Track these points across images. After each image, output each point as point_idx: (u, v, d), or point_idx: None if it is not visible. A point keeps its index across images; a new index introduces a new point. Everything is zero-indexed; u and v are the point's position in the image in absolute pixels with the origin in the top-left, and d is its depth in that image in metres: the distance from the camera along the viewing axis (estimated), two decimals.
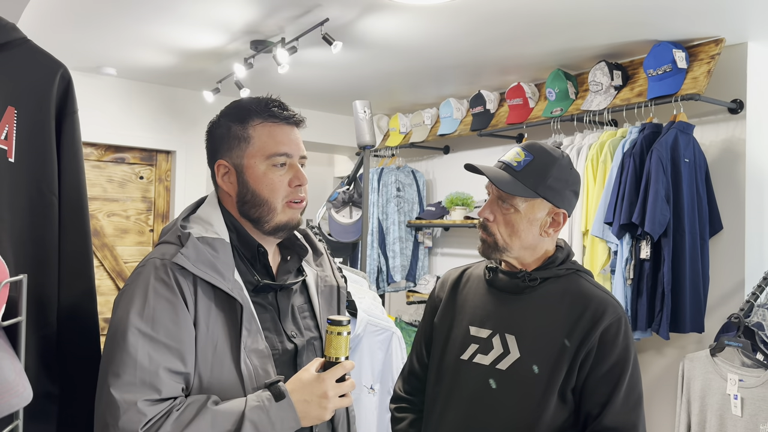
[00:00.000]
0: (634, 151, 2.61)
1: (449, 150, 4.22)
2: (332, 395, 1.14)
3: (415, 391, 1.57)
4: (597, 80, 2.93)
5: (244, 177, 1.23)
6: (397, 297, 4.49)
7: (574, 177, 1.42)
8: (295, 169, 1.25)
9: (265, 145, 1.23)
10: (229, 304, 1.16)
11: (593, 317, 1.32)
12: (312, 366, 1.17)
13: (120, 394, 1.05)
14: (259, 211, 1.23)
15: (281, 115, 1.25)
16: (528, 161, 1.37)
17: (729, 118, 2.71)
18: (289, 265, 1.33)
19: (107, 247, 3.84)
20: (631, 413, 1.30)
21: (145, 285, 1.12)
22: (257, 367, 1.15)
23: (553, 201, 1.38)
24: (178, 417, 1.07)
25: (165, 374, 1.08)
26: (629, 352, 1.33)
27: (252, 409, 1.09)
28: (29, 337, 1.22)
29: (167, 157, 4.09)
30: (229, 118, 1.26)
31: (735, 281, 2.66)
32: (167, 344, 1.09)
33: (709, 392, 2.27)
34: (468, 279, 1.53)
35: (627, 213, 2.55)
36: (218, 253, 1.18)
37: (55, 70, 1.33)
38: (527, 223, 1.37)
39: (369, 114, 2.67)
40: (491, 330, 1.39)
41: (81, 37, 2.96)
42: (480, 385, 1.37)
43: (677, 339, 2.78)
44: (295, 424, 1.12)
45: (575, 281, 1.40)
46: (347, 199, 3.10)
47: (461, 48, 2.96)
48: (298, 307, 1.31)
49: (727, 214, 2.68)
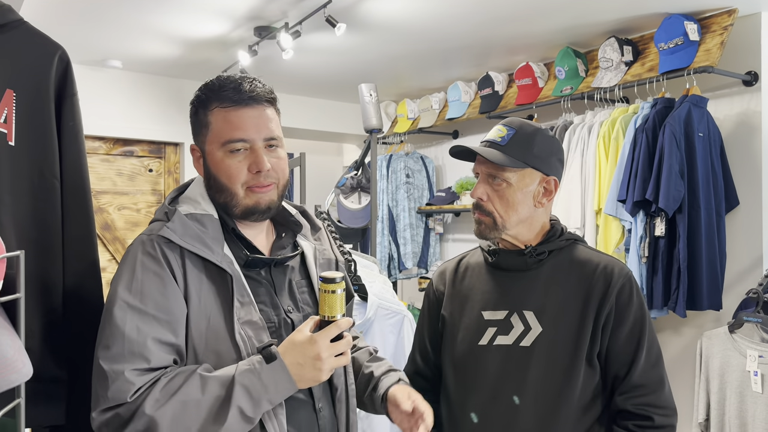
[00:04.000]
0: (647, 127, 2.56)
1: (458, 134, 4.18)
2: (326, 356, 1.10)
3: (422, 390, 1.50)
4: (607, 57, 2.88)
5: (207, 163, 1.22)
6: (409, 284, 4.47)
7: (557, 145, 1.45)
8: (255, 155, 1.18)
9: (221, 131, 1.19)
10: (220, 277, 1.15)
11: (605, 281, 1.35)
12: (306, 326, 1.13)
13: (108, 365, 1.05)
14: (223, 197, 1.21)
15: (236, 97, 1.18)
16: (511, 135, 1.39)
17: (743, 91, 2.65)
18: (284, 241, 1.31)
19: (119, 240, 3.85)
20: (656, 368, 1.34)
21: (133, 260, 1.13)
22: (252, 338, 1.14)
23: (541, 169, 1.40)
24: (166, 384, 1.06)
25: (153, 344, 1.07)
26: (644, 308, 1.36)
27: (242, 373, 1.07)
28: (35, 321, 1.22)
29: (175, 149, 4.09)
30: (196, 102, 1.24)
31: (753, 257, 2.60)
32: (156, 316, 1.09)
33: (728, 370, 2.23)
34: (467, 268, 1.53)
35: (640, 190, 2.50)
36: (207, 228, 1.17)
37: (53, 52, 1.31)
38: (521, 195, 1.38)
39: (375, 97, 2.64)
40: (507, 310, 1.39)
41: (85, 29, 2.95)
42: (505, 365, 1.36)
43: (694, 317, 2.73)
44: (290, 386, 1.09)
45: (576, 250, 1.43)
46: (356, 184, 3.07)
47: (468, 28, 2.92)
48: (296, 282, 1.28)
49: (744, 189, 2.62)
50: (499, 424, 1.35)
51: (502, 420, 1.34)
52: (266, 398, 1.08)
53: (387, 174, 4.11)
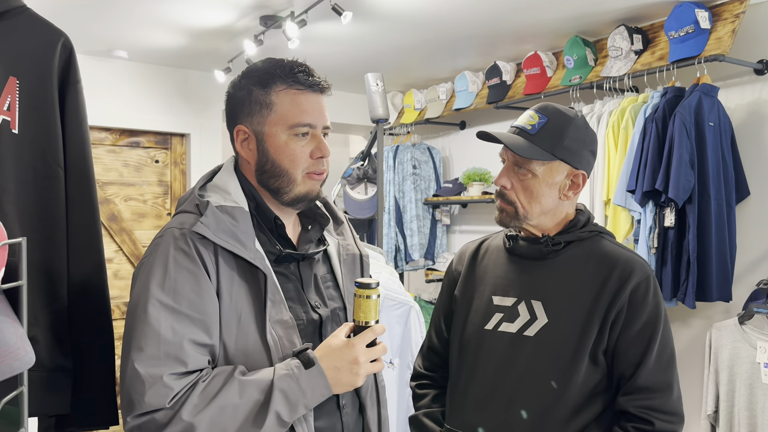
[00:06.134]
0: (657, 116, 2.52)
1: (465, 125, 4.16)
2: (363, 360, 1.10)
3: (436, 367, 1.54)
4: (616, 45, 2.84)
5: (265, 145, 1.18)
6: (416, 275, 4.46)
7: (591, 136, 1.38)
8: (317, 140, 1.19)
9: (288, 113, 1.16)
10: (251, 274, 1.13)
11: (621, 277, 1.30)
12: (341, 331, 1.14)
13: (145, 369, 1.02)
14: (278, 182, 1.18)
15: (306, 81, 1.17)
16: (542, 123, 1.33)
17: (755, 80, 2.61)
18: (311, 234, 1.29)
19: (125, 231, 3.85)
20: (665, 372, 1.28)
21: (165, 256, 1.08)
22: (282, 338, 1.12)
23: (571, 162, 1.34)
24: (204, 388, 1.04)
25: (190, 346, 1.05)
26: (660, 310, 1.30)
27: (281, 378, 1.06)
28: (39, 309, 1.22)
29: (182, 140, 4.08)
30: (252, 81, 1.19)
31: (763, 248, 2.58)
32: (190, 316, 1.06)
33: (737, 361, 2.21)
34: (486, 250, 1.50)
35: (650, 179, 2.48)
36: (238, 222, 1.13)
37: (56, 39, 1.30)
38: (546, 187, 1.34)
39: (382, 86, 2.62)
40: (516, 298, 1.37)
41: (90, 19, 2.94)
42: (507, 353, 1.34)
43: (704, 308, 2.71)
44: (326, 392, 1.09)
45: (598, 243, 1.37)
46: (362, 175, 3.06)
47: (475, 17, 2.89)
48: (321, 277, 1.27)
49: (755, 179, 2.59)
50: (496, 412, 1.33)
51: (499, 408, 1.33)
52: (303, 403, 1.07)
53: (394, 165, 4.09)
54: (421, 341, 2.22)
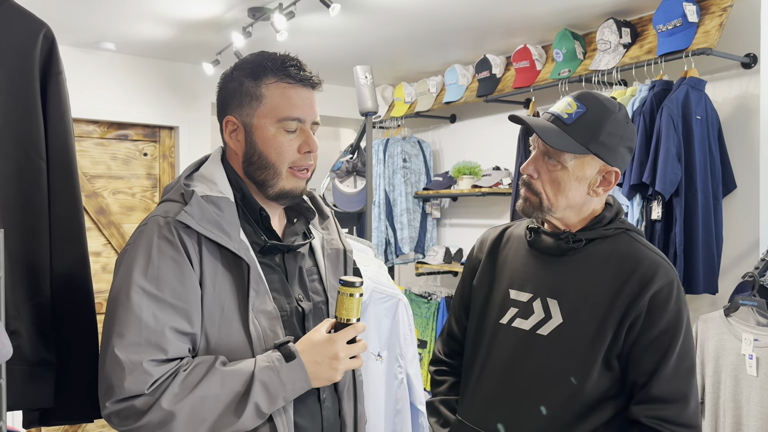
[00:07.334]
0: (644, 109, 2.53)
1: (455, 119, 4.15)
2: (343, 356, 1.12)
3: (454, 353, 1.52)
4: (605, 39, 2.84)
5: (253, 137, 1.18)
6: (406, 269, 4.46)
7: (630, 132, 1.30)
8: (306, 135, 1.19)
9: (278, 106, 1.17)
10: (235, 265, 1.13)
11: (642, 280, 1.23)
12: (322, 327, 1.15)
13: (125, 355, 1.02)
14: (264, 174, 1.19)
15: (297, 75, 1.18)
16: (580, 113, 1.25)
17: (742, 73, 2.62)
18: (296, 227, 1.29)
19: (114, 225, 3.83)
20: (682, 383, 1.22)
21: (149, 244, 1.09)
22: (266, 329, 1.13)
23: (605, 158, 1.26)
24: (185, 377, 1.05)
25: (171, 334, 1.05)
26: (681, 318, 1.23)
27: (262, 370, 1.07)
28: (22, 303, 1.21)
29: (170, 133, 4.05)
30: (243, 73, 1.19)
31: (749, 241, 2.59)
32: (173, 304, 1.06)
33: (723, 353, 2.23)
34: (509, 239, 1.44)
35: (637, 172, 2.49)
36: (223, 212, 1.14)
37: (37, 30, 1.28)
38: (575, 181, 1.27)
39: (371, 79, 2.61)
40: (532, 294, 1.32)
41: (77, 11, 2.91)
42: (518, 350, 1.31)
43: (690, 301, 2.72)
44: (305, 385, 1.11)
45: (624, 241, 1.30)
46: (351, 168, 3.05)
47: (465, 10, 2.88)
48: (307, 270, 1.27)
49: (741, 173, 2.60)
50: (504, 409, 1.31)
51: (506, 406, 1.30)
52: (282, 395, 1.08)
53: (384, 158, 4.08)
54: (409, 334, 2.23)
